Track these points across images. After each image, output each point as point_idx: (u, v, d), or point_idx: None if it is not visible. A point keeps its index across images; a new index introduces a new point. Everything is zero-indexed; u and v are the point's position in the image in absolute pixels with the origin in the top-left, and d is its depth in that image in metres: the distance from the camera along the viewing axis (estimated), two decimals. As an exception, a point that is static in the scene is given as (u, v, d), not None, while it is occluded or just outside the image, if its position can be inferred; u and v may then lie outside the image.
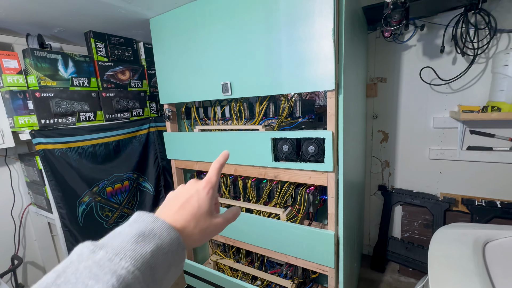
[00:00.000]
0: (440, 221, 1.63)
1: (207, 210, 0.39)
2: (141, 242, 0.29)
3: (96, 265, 0.25)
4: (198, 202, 0.38)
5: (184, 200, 0.38)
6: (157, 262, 0.29)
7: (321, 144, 1.00)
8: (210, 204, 0.40)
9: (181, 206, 0.38)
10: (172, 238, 0.32)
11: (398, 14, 1.01)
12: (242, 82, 1.12)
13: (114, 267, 0.25)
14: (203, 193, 0.39)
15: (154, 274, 0.28)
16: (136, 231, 0.30)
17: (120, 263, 0.25)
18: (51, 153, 1.32)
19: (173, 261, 0.31)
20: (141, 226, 0.31)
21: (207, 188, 0.40)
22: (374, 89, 1.80)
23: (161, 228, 0.32)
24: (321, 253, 1.08)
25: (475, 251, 0.78)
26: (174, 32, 1.27)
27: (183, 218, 0.36)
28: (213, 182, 0.41)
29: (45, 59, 1.29)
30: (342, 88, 0.96)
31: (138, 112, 1.77)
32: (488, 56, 1.44)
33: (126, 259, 0.26)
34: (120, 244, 0.28)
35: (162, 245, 0.30)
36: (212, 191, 0.40)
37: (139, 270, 0.26)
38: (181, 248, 0.33)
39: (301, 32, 0.94)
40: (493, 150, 1.50)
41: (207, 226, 0.38)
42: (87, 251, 0.26)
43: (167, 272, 0.30)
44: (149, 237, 0.30)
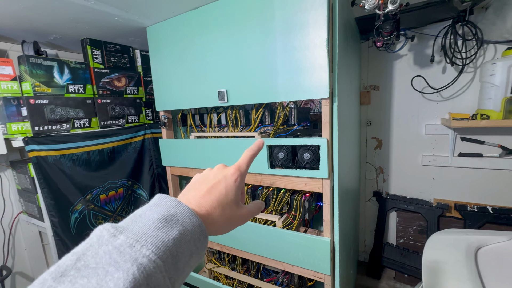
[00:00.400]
0: (434, 227, 1.64)
1: (233, 199, 0.37)
2: (163, 228, 0.27)
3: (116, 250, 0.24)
4: (226, 189, 0.36)
5: (211, 185, 0.36)
6: (179, 250, 0.27)
7: (316, 151, 1.01)
8: (237, 192, 0.38)
9: (208, 191, 0.36)
10: (195, 225, 0.30)
11: (389, 25, 1.05)
12: (238, 90, 1.13)
13: (135, 254, 0.24)
14: (231, 180, 0.37)
15: (177, 263, 0.27)
16: (158, 216, 0.28)
17: (141, 250, 0.24)
18: (44, 160, 1.30)
19: (195, 249, 0.30)
20: (163, 210, 0.29)
21: (235, 176, 0.38)
22: (367, 96, 1.83)
23: (184, 214, 0.30)
24: (317, 260, 1.08)
25: (467, 257, 0.80)
26: (171, 40, 1.29)
27: (209, 204, 0.34)
28: (242, 170, 0.39)
29: (41, 66, 1.29)
30: (336, 96, 0.98)
31: (134, 118, 1.77)
32: (476, 66, 1.49)
33: (147, 246, 0.25)
34: (141, 229, 0.26)
35: (184, 232, 0.29)
36: (240, 179, 0.38)
37: (161, 258, 0.25)
38: (204, 236, 0.31)
39: (296, 41, 0.96)
40: (483, 156, 1.54)
41: (232, 215, 0.37)
42: (107, 234, 0.25)
43: (189, 260, 0.29)
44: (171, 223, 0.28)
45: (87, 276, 0.21)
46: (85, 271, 0.22)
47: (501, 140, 1.50)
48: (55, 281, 0.21)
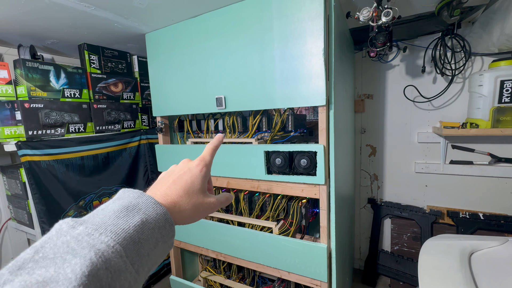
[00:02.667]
0: (428, 233, 1.66)
1: (200, 188, 0.38)
2: (123, 217, 0.28)
3: (74, 239, 0.24)
4: (191, 179, 0.38)
5: (177, 177, 0.38)
6: (142, 237, 0.28)
7: (313, 157, 1.03)
8: (203, 181, 0.39)
9: (173, 182, 0.37)
10: (159, 213, 0.31)
11: (383, 36, 1.09)
12: (236, 96, 1.15)
13: (92, 241, 0.24)
14: (196, 170, 0.39)
15: (139, 249, 0.27)
16: (119, 207, 0.29)
17: (99, 237, 0.24)
18: (36, 165, 1.27)
19: (161, 236, 0.30)
20: (125, 201, 0.30)
21: (200, 166, 0.40)
22: (361, 105, 1.87)
23: (146, 203, 0.31)
24: (314, 267, 1.08)
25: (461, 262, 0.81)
26: (170, 47, 1.31)
27: (175, 193, 0.35)
28: (206, 161, 0.41)
29: (37, 70, 1.28)
30: (333, 104, 1.00)
31: (130, 124, 1.76)
32: (465, 77, 1.55)
33: (106, 234, 0.25)
34: (101, 220, 0.27)
35: (147, 220, 0.29)
36: (205, 169, 0.40)
37: (121, 244, 0.25)
38: (169, 223, 0.32)
39: (294, 50, 0.99)
40: (473, 164, 1.58)
41: (200, 202, 0.38)
42: (66, 226, 0.25)
43: (155, 247, 0.29)
44: (132, 212, 0.29)
45: (45, 266, 0.21)
46: (43, 262, 0.22)
47: (490, 148, 1.54)
48: (12, 274, 0.21)
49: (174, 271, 1.58)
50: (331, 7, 0.96)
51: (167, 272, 2.03)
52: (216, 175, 1.28)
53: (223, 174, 1.25)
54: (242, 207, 1.33)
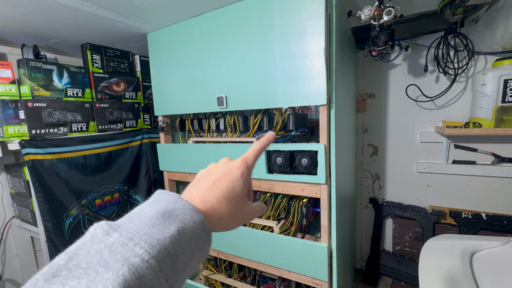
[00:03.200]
0: (430, 233, 1.66)
1: (241, 194, 0.35)
2: (159, 225, 0.26)
3: (108, 249, 0.23)
4: (232, 183, 0.34)
5: (216, 178, 0.34)
6: (178, 249, 0.26)
7: (314, 156, 1.03)
8: (244, 186, 0.35)
9: (213, 184, 0.33)
10: (196, 221, 0.28)
11: (384, 35, 1.09)
12: (237, 96, 1.15)
13: (126, 253, 0.22)
14: (237, 173, 0.35)
15: (175, 263, 0.25)
16: (155, 212, 0.27)
17: (134, 249, 0.23)
18: (40, 164, 1.28)
19: (197, 247, 0.28)
20: (161, 206, 0.28)
21: (241, 169, 0.36)
22: (363, 104, 1.87)
23: (184, 210, 0.28)
24: (315, 266, 1.08)
25: (463, 262, 0.81)
26: (171, 46, 1.31)
27: (215, 198, 0.32)
28: (249, 163, 0.37)
29: (40, 69, 1.29)
30: (334, 103, 1.00)
31: (132, 123, 1.77)
32: (468, 76, 1.54)
33: (141, 245, 0.23)
34: (136, 227, 0.25)
35: (184, 229, 0.27)
36: (247, 172, 0.36)
37: (156, 258, 0.23)
38: (206, 233, 0.29)
39: (295, 49, 0.99)
40: (476, 164, 1.57)
41: (240, 211, 0.34)
42: (101, 232, 0.24)
43: (190, 259, 0.27)
44: (169, 220, 0.26)
45: (77, 277, 0.21)
46: (76, 272, 0.21)
47: (493, 148, 1.53)
48: (46, 282, 0.20)
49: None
50: (333, 6, 0.96)
51: (169, 270, 2.04)
52: (217, 174, 1.28)
53: (224, 173, 1.25)
54: (243, 206, 1.33)
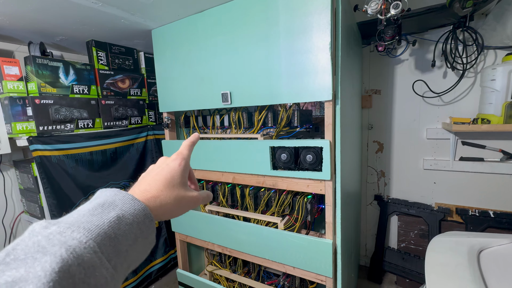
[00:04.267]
0: (436, 231, 1.64)
1: (180, 181, 0.38)
2: (98, 214, 0.27)
3: (45, 238, 0.23)
4: (171, 173, 0.38)
5: (155, 173, 0.38)
6: (118, 232, 0.27)
7: (319, 153, 1.02)
8: (182, 175, 0.39)
9: (152, 178, 0.37)
10: (137, 209, 0.30)
11: (391, 30, 1.07)
12: (242, 92, 1.15)
13: (64, 239, 0.23)
14: (174, 164, 0.39)
15: (116, 245, 0.27)
16: (94, 205, 0.29)
17: (72, 235, 0.24)
18: (47, 160, 1.31)
19: (140, 232, 0.30)
20: (101, 200, 0.30)
21: (178, 160, 0.39)
22: (369, 100, 1.85)
23: (123, 200, 0.30)
24: (319, 262, 1.08)
25: (470, 259, 0.80)
26: (176, 42, 1.31)
27: (155, 188, 0.35)
28: (184, 154, 0.41)
29: (47, 66, 1.31)
30: (339, 99, 0.99)
31: (137, 120, 1.78)
32: (476, 71, 1.51)
33: (79, 231, 0.25)
34: (75, 219, 0.26)
35: (124, 215, 0.29)
36: (184, 162, 0.40)
37: (94, 240, 0.25)
38: (149, 219, 0.31)
39: (300, 45, 0.98)
40: (484, 161, 1.54)
41: (182, 196, 0.37)
42: (38, 227, 0.25)
43: (134, 243, 0.29)
44: (108, 209, 0.28)
45: (15, 267, 0.21)
46: (14, 264, 0.21)
47: (502, 144, 1.50)
48: None
49: (180, 265, 1.61)
50: (338, 0, 0.94)
51: (174, 266, 2.07)
52: (222, 170, 1.28)
53: (228, 170, 1.26)
54: (247, 203, 1.34)
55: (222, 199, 1.41)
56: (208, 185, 1.45)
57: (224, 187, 1.39)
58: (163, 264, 1.94)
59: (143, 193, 0.34)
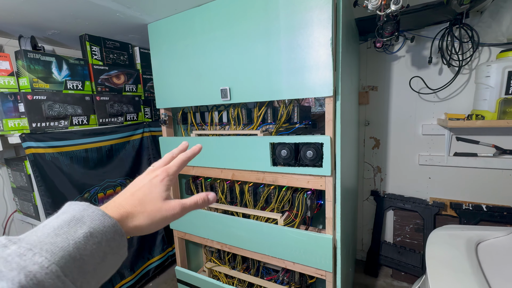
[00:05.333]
0: (431, 225, 1.68)
1: (158, 195, 0.37)
2: (63, 234, 0.26)
3: (2, 260, 0.22)
4: (150, 189, 0.37)
5: (136, 189, 0.37)
6: (85, 253, 0.26)
7: (319, 148, 1.02)
8: (162, 189, 0.38)
9: (131, 194, 0.37)
10: (107, 225, 0.29)
11: (391, 26, 1.07)
12: (242, 88, 1.14)
13: (24, 263, 0.22)
14: (157, 180, 0.38)
15: (82, 266, 0.26)
16: (60, 223, 0.27)
17: (33, 258, 0.23)
18: (41, 158, 1.27)
19: (110, 249, 0.29)
20: (68, 216, 0.28)
21: (162, 176, 0.39)
22: (366, 97, 1.86)
23: (93, 216, 0.29)
24: (319, 257, 1.09)
25: (468, 252, 0.82)
26: (173, 37, 1.28)
27: (130, 203, 0.35)
28: (170, 172, 0.40)
29: (39, 61, 1.27)
30: (340, 95, 0.99)
31: (132, 116, 1.75)
32: (471, 68, 1.53)
33: (41, 254, 0.23)
34: (38, 239, 0.25)
35: (92, 233, 0.28)
36: (167, 179, 0.39)
37: (57, 264, 0.24)
38: (119, 234, 0.31)
39: (301, 40, 0.97)
40: (478, 156, 1.58)
41: (158, 209, 0.36)
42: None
43: (102, 261, 0.28)
44: (75, 227, 0.27)
45: None
46: None
47: (495, 140, 1.54)
48: None
49: (179, 262, 1.60)
50: (339, -5, 0.94)
51: (172, 263, 2.06)
52: (221, 167, 1.28)
53: (228, 166, 1.25)
54: (247, 199, 1.33)
55: (221, 196, 1.40)
56: (207, 182, 1.44)
57: (223, 183, 1.39)
58: (160, 262, 1.93)
59: (117, 208, 0.34)
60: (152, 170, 0.41)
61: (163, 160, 0.44)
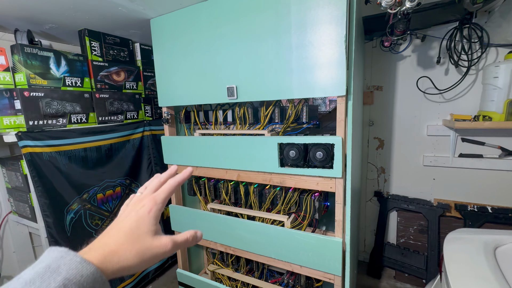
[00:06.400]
0: (435, 226, 1.66)
1: (146, 230, 0.35)
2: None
3: None
4: (137, 222, 0.35)
5: (121, 222, 0.35)
6: None
7: (329, 149, 0.99)
8: (151, 223, 0.36)
9: (117, 229, 0.34)
10: (84, 274, 0.28)
11: (403, 24, 1.05)
12: (249, 86, 1.10)
13: None
14: (143, 211, 0.36)
15: None
16: (33, 275, 0.26)
17: None
18: (38, 157, 1.22)
19: None
20: (43, 266, 0.27)
21: (149, 207, 0.36)
22: (370, 97, 1.84)
23: (70, 265, 0.27)
24: (328, 260, 1.06)
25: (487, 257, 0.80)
26: (177, 33, 1.24)
27: (115, 241, 0.33)
28: (157, 200, 0.38)
29: (36, 56, 1.21)
30: (352, 94, 0.96)
31: (133, 115, 1.70)
32: (478, 68, 1.52)
33: None
34: None
35: (66, 285, 0.26)
36: (155, 209, 0.37)
37: None
38: (100, 282, 0.29)
39: (313, 37, 0.94)
40: (483, 157, 1.57)
41: (147, 247, 0.34)
42: None
43: None
44: (49, 279, 0.26)
45: None
46: None
47: (501, 141, 1.53)
48: None
49: (180, 264, 1.56)
50: (353, -9, 0.91)
51: (172, 265, 2.01)
52: (226, 167, 1.24)
53: (233, 167, 1.21)
54: (252, 200, 1.30)
55: (225, 197, 1.36)
56: (210, 182, 1.40)
57: (227, 184, 1.35)
58: (160, 264, 1.89)
59: (101, 248, 0.32)
60: (139, 199, 0.38)
61: (150, 186, 0.41)
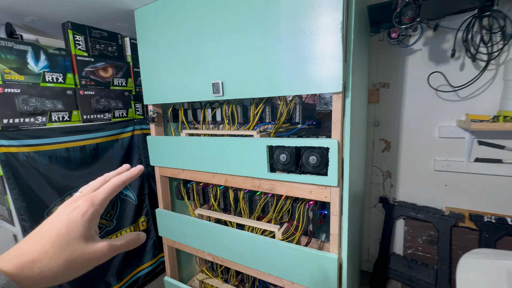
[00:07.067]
0: (446, 237, 1.51)
1: (79, 235, 0.31)
2: None
3: None
4: (68, 227, 0.30)
5: (49, 227, 0.31)
6: None
7: (324, 154, 0.87)
8: (86, 227, 0.31)
9: (41, 235, 0.30)
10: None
11: (412, 10, 0.91)
12: (236, 82, 0.99)
13: None
14: (76, 214, 0.31)
15: None
16: None
17: None
18: (14, 157, 1.15)
19: None
20: None
21: (84, 209, 0.32)
22: (376, 94, 1.69)
23: None
24: (322, 278, 0.94)
25: None
26: (161, 24, 1.14)
27: (38, 249, 0.28)
28: (95, 201, 0.33)
29: (11, 49, 1.14)
30: (350, 91, 0.83)
31: (122, 113, 1.62)
32: (498, 63, 1.35)
33: None
34: None
35: None
36: (91, 211, 0.32)
37: None
38: None
39: (305, 24, 0.82)
40: (503, 162, 1.41)
41: (79, 254, 0.30)
42: None
43: None
44: None
45: None
46: None
47: (524, 145, 1.36)
48: None
49: (169, 272, 1.47)
50: (352, -30, 0.78)
51: (163, 270, 1.93)
52: (213, 171, 1.13)
53: (220, 171, 1.11)
54: (241, 207, 1.19)
55: (213, 203, 1.26)
56: (199, 186, 1.30)
57: (216, 189, 1.25)
58: (151, 269, 1.81)
59: (18, 257, 0.27)
60: (73, 199, 0.34)
61: (92, 185, 0.37)
